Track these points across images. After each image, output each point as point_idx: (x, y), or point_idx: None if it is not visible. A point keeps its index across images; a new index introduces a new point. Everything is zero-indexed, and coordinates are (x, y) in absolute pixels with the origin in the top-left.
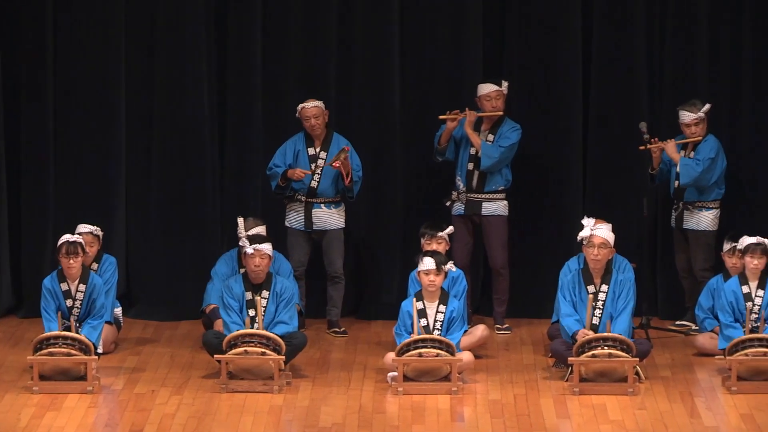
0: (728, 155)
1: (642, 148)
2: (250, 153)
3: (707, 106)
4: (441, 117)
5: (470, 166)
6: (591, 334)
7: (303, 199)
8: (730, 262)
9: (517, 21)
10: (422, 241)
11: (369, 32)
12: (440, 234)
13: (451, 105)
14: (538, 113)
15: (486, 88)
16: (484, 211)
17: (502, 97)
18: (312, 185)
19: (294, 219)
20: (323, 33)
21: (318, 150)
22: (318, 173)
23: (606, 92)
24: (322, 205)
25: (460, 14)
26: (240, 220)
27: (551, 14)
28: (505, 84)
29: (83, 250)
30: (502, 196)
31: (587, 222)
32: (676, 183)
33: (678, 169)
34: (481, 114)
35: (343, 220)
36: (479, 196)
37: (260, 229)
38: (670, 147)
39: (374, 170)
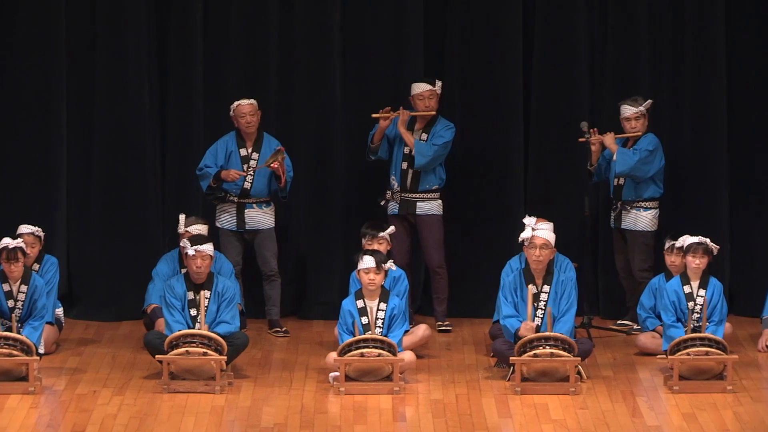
0: (668, 154)
1: (581, 139)
2: (191, 153)
3: (648, 102)
4: (374, 115)
5: (404, 165)
6: (533, 331)
7: (235, 200)
8: (670, 261)
9: (458, 19)
10: (363, 241)
11: (309, 32)
12: (381, 234)
13: (394, 105)
14: (479, 112)
15: (419, 88)
16: (418, 211)
17: (435, 96)
18: (245, 186)
19: (226, 220)
20: (263, 34)
21: (250, 151)
22: (251, 174)
23: (547, 91)
24: (254, 205)
25: (401, 14)
26: (181, 217)
27: (492, 12)
28: (438, 83)
29: (23, 253)
30: (437, 195)
31: (529, 221)
32: (616, 181)
33: (615, 157)
34: (414, 113)
35: (273, 220)
36: (413, 195)
37: (202, 229)
38: (609, 138)
39: (315, 170)
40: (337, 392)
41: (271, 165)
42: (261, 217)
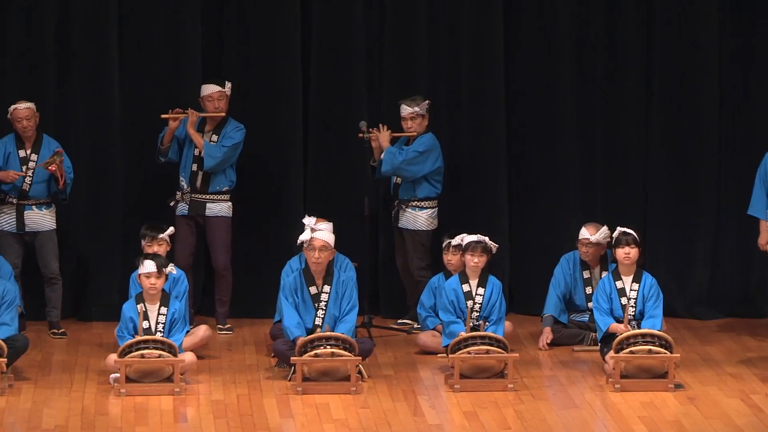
0: (447, 154)
1: (360, 135)
2: None
3: (426, 102)
4: (163, 116)
5: (194, 166)
6: (315, 333)
7: (14, 201)
8: (447, 259)
9: (235, 20)
10: (143, 242)
11: (87, 32)
12: (161, 236)
13: (173, 105)
14: (258, 113)
15: (208, 89)
16: (208, 212)
17: (225, 98)
18: (24, 187)
19: (5, 221)
20: (40, 34)
21: (29, 152)
22: (30, 175)
23: (325, 90)
24: (33, 206)
25: (178, 14)
26: None
27: (269, 13)
28: (228, 85)
29: None
30: (227, 197)
31: (308, 221)
32: (394, 180)
33: (382, 156)
34: (203, 114)
35: (54, 221)
36: (203, 196)
37: None
38: (384, 136)
39: (94, 171)
40: (117, 393)
41: (49, 167)
42: (40, 219)
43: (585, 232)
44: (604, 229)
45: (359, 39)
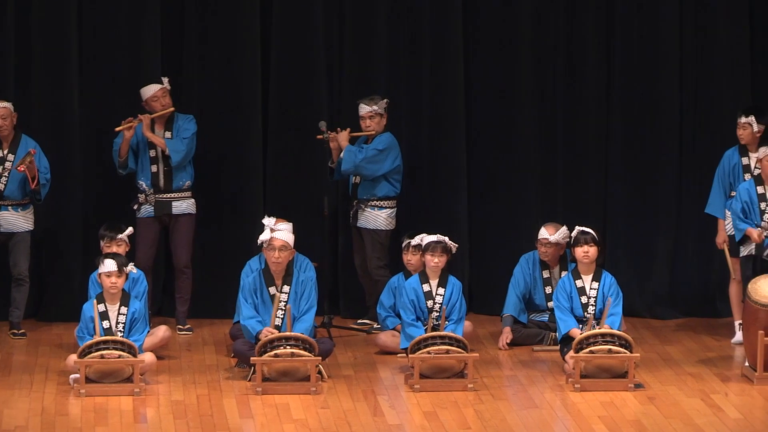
0: (406, 153)
1: (319, 137)
2: None
3: (384, 101)
4: (117, 129)
5: (153, 168)
6: (275, 334)
7: None
8: (407, 259)
9: (195, 20)
10: (102, 243)
11: (46, 36)
12: (120, 236)
13: (134, 106)
14: (218, 114)
15: (151, 90)
16: (174, 210)
17: (167, 94)
18: None
19: None
20: (3, 36)
21: (5, 152)
22: (5, 176)
23: (284, 90)
24: (9, 207)
25: (138, 14)
26: None
27: (229, 14)
28: (166, 80)
29: None
30: (189, 193)
31: (268, 221)
32: (353, 179)
33: (342, 155)
34: (155, 115)
35: (31, 223)
36: (168, 195)
37: None
38: (342, 136)
39: (55, 171)
40: (77, 394)
41: (18, 168)
42: (15, 220)
43: (544, 233)
44: (564, 228)
45: (318, 39)
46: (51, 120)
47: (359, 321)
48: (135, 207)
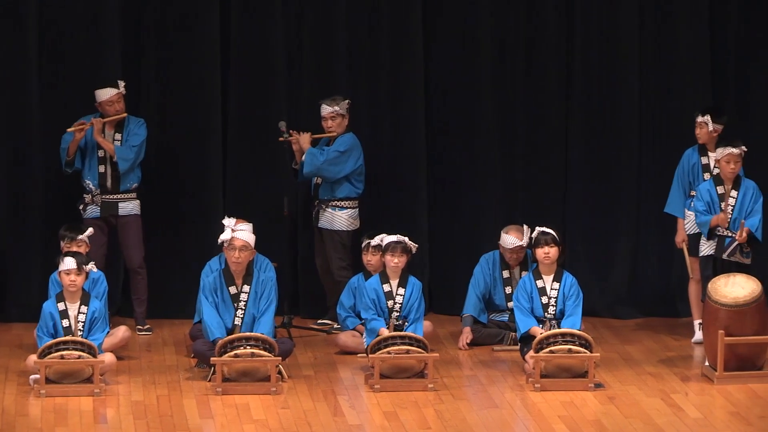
0: (367, 154)
1: (281, 139)
2: None
3: (346, 102)
4: (69, 130)
5: (101, 168)
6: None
7: None
8: (367, 260)
9: (153, 21)
10: (62, 244)
11: (4, 39)
12: (80, 237)
13: (93, 108)
14: (178, 115)
15: (106, 94)
16: (121, 212)
17: (122, 99)
18: None
19: None
20: None
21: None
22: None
23: (244, 91)
24: None
25: (97, 17)
26: None
27: (188, 16)
28: (122, 84)
29: None
30: (135, 195)
31: (228, 222)
32: (315, 180)
33: (304, 158)
34: (107, 120)
35: None
36: (115, 196)
37: None
38: (304, 138)
39: (13, 172)
40: (37, 394)
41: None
42: None
43: (513, 239)
44: (526, 229)
45: (278, 39)
46: (9, 122)
47: (319, 321)
48: (81, 207)
